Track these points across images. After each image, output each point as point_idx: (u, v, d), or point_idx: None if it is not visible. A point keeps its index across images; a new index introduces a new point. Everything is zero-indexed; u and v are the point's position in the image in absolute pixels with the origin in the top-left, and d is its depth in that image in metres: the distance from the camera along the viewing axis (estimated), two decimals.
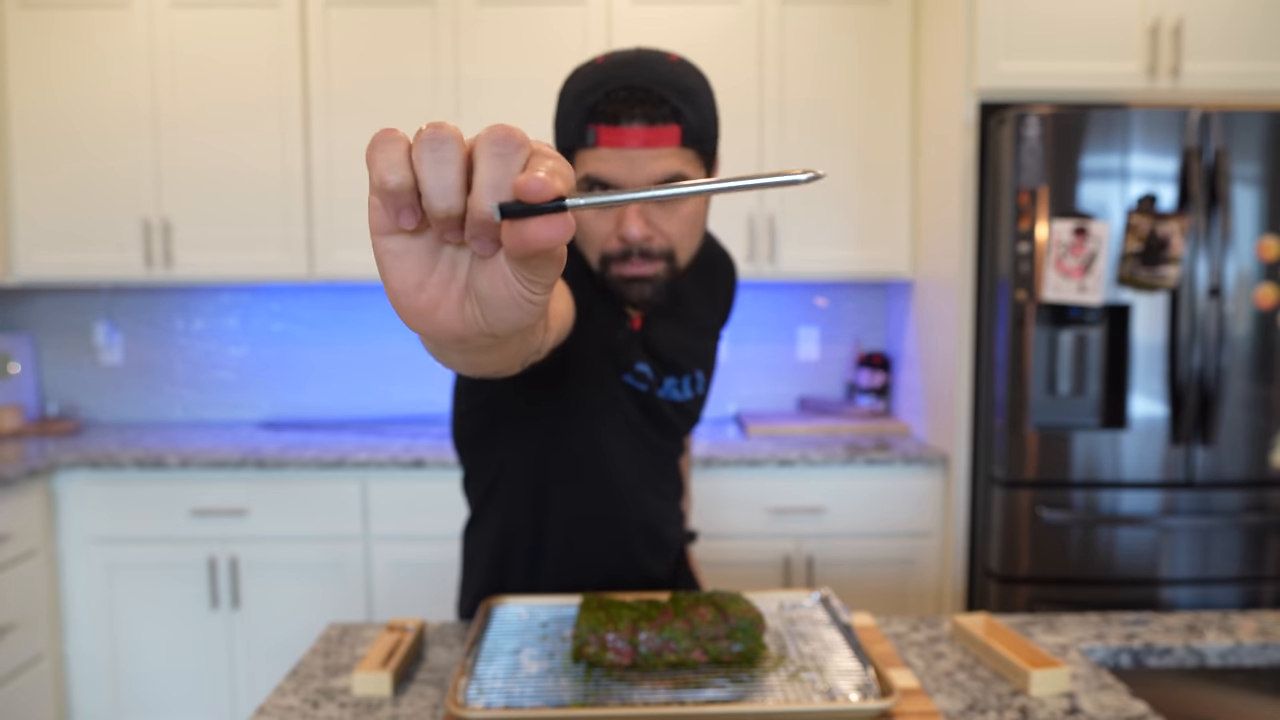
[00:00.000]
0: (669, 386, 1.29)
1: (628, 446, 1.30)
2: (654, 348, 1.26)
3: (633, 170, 1.02)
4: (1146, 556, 2.39)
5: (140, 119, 2.85)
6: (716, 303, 1.38)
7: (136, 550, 2.63)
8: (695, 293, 1.34)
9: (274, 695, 1.14)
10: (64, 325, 3.26)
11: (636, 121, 1.01)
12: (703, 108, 1.06)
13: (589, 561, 1.36)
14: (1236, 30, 2.44)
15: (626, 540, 1.37)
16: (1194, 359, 2.34)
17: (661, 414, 1.32)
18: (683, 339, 1.30)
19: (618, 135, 1.00)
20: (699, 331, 1.34)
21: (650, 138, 1.01)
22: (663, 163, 1.02)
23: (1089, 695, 1.12)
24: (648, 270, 1.08)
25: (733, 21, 2.84)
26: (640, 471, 1.34)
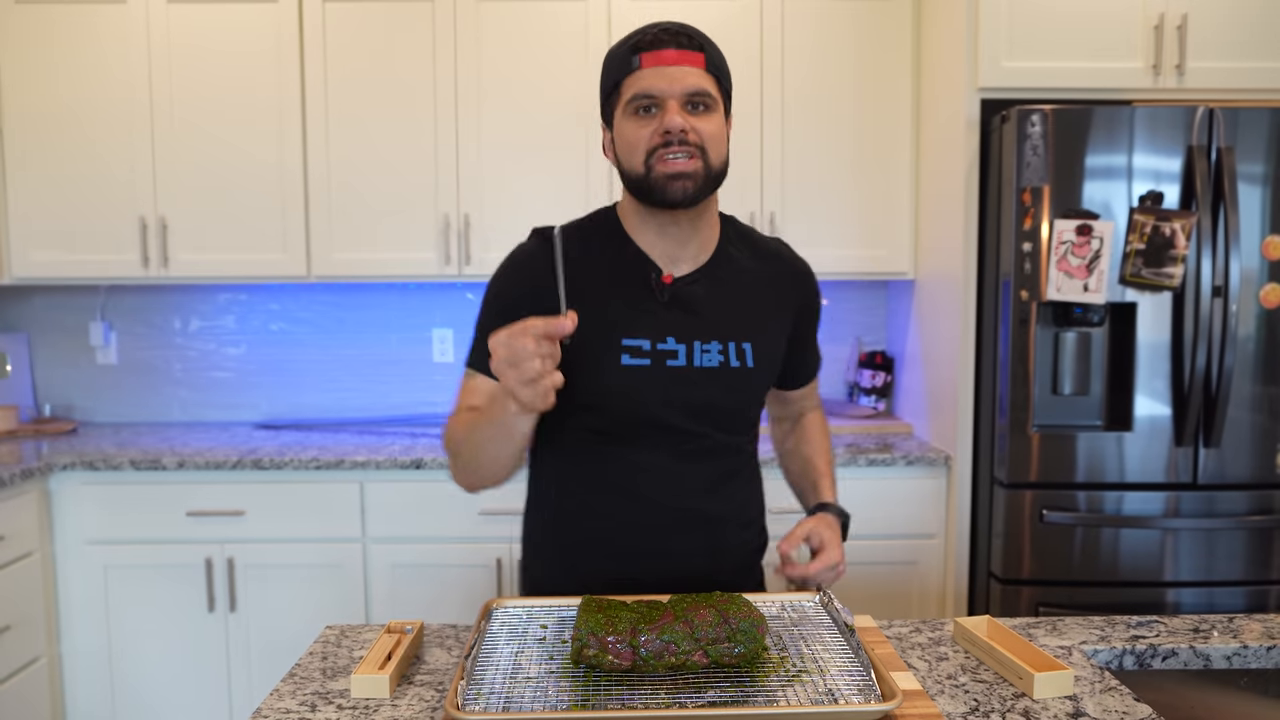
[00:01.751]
0: (697, 349, 1.33)
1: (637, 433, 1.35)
2: (684, 300, 1.34)
3: (670, 81, 1.25)
4: (1150, 558, 2.38)
5: (137, 116, 2.83)
6: (777, 290, 1.44)
7: (133, 551, 2.62)
8: (752, 269, 1.41)
9: (271, 698, 1.13)
10: (60, 325, 3.25)
11: (670, 47, 1.26)
12: (719, 52, 1.32)
13: (602, 549, 1.40)
14: (1241, 27, 2.43)
15: (643, 524, 1.37)
16: (1198, 359, 2.33)
17: (687, 386, 1.32)
18: (719, 306, 1.36)
19: (657, 56, 1.26)
20: (749, 305, 1.39)
21: (681, 58, 1.26)
22: (692, 78, 1.26)
23: (1092, 698, 1.11)
24: (688, 166, 1.25)
25: (733, 17, 2.83)
26: (657, 458, 1.35)
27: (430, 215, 2.86)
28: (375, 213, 2.87)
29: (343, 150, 2.85)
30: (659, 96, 1.25)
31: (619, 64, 1.29)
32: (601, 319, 1.31)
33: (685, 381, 1.33)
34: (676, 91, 1.25)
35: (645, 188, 1.28)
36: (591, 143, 2.82)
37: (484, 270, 2.87)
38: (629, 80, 1.27)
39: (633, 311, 1.33)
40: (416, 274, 2.89)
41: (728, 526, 1.43)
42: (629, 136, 1.28)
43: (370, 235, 2.87)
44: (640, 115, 1.27)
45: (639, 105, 1.26)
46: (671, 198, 1.27)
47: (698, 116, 1.27)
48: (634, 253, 1.36)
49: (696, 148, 1.26)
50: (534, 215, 2.86)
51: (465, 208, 2.85)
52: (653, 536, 1.38)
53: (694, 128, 1.26)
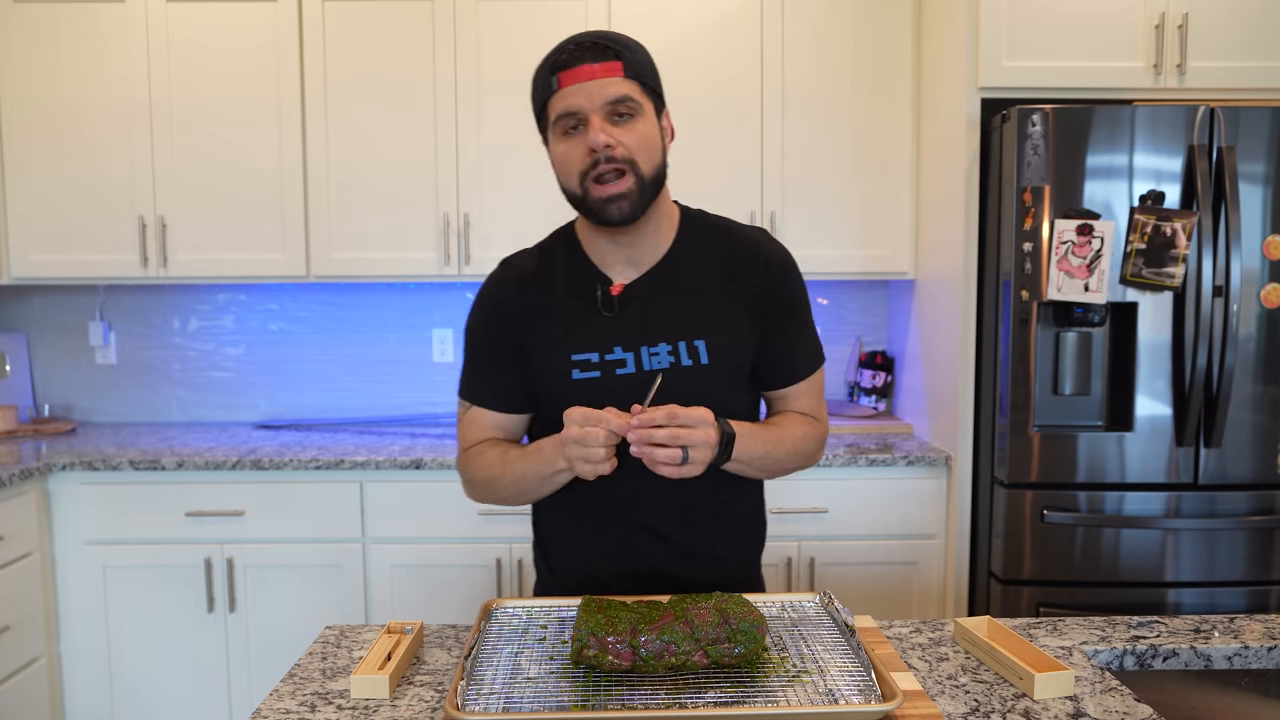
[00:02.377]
0: (644, 354, 1.35)
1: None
2: (632, 307, 1.36)
3: (589, 97, 1.26)
4: (1151, 558, 2.38)
5: (136, 116, 2.83)
6: (740, 280, 1.40)
7: (132, 552, 2.61)
8: (708, 264, 1.40)
9: (271, 698, 1.13)
10: (59, 325, 3.24)
11: (585, 62, 1.26)
12: (638, 52, 1.31)
13: (588, 557, 1.43)
14: (1242, 27, 2.42)
15: (619, 535, 1.40)
16: (1199, 359, 2.32)
17: (633, 391, 1.30)
18: (668, 307, 1.36)
19: (573, 74, 1.26)
20: (703, 301, 1.37)
21: (598, 70, 1.26)
22: (611, 88, 1.26)
23: (1093, 698, 1.11)
24: (620, 186, 1.27)
25: (733, 15, 2.82)
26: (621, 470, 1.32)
27: (430, 215, 2.86)
28: (375, 212, 2.87)
29: (342, 150, 2.85)
30: (579, 113, 1.26)
31: (541, 87, 1.31)
32: (553, 338, 1.37)
33: (636, 387, 1.32)
34: (597, 105, 1.26)
35: (585, 209, 1.32)
36: None
37: (484, 270, 2.86)
38: (552, 101, 1.29)
39: (580, 326, 1.36)
40: (416, 274, 2.89)
41: (704, 530, 1.42)
42: (560, 157, 1.31)
43: (370, 235, 2.87)
44: (568, 135, 1.29)
45: (565, 126, 1.28)
46: (610, 220, 1.29)
47: (622, 126, 1.27)
48: (586, 267, 1.40)
49: (625, 162, 1.27)
50: (534, 215, 2.85)
51: (465, 207, 2.85)
52: (622, 544, 1.40)
53: (619, 141, 1.27)
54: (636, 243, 1.37)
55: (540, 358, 1.37)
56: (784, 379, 1.47)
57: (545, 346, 1.37)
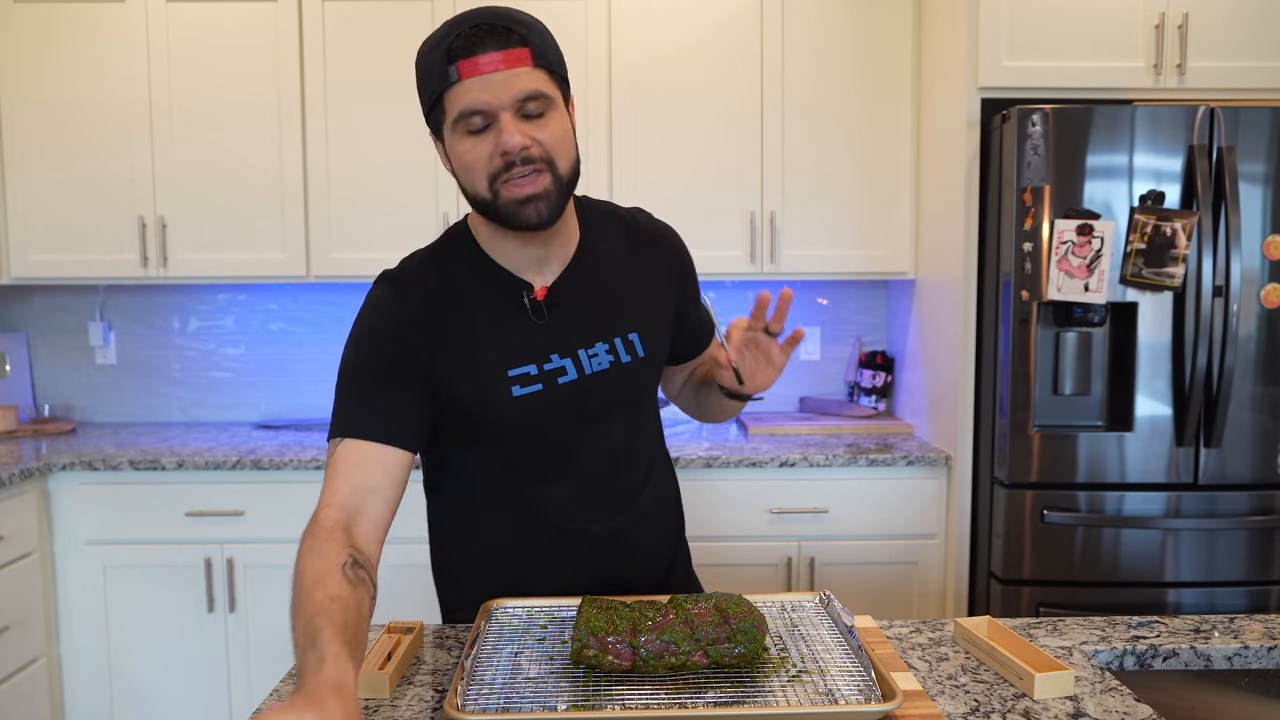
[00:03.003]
0: (584, 358, 1.28)
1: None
2: (559, 310, 1.27)
3: (496, 91, 1.12)
4: (1151, 558, 2.38)
5: (136, 116, 2.83)
6: (649, 265, 1.37)
7: (132, 552, 2.61)
8: (618, 252, 1.35)
9: (271, 698, 1.13)
10: (59, 325, 3.24)
11: (489, 49, 1.11)
12: (545, 35, 1.18)
13: (505, 568, 1.37)
14: (1242, 27, 2.42)
15: (557, 545, 1.35)
16: (1199, 359, 2.32)
17: (584, 397, 1.28)
18: (595, 306, 1.30)
19: (475, 65, 1.11)
20: (626, 295, 1.33)
21: (505, 60, 1.12)
22: (520, 80, 1.12)
23: (1093, 698, 1.11)
24: (537, 186, 1.15)
25: (733, 15, 2.82)
26: (566, 483, 1.32)
27: (430, 215, 2.86)
28: (374, 212, 2.87)
29: (342, 150, 2.85)
30: (486, 110, 1.12)
31: (436, 74, 1.15)
32: (479, 352, 1.24)
33: (581, 394, 1.28)
34: (506, 101, 1.12)
35: (495, 213, 1.18)
36: (591, 140, 2.81)
37: None
38: (451, 94, 1.13)
39: (512, 340, 1.25)
40: None
41: (640, 529, 1.40)
42: (465, 159, 1.15)
43: (369, 235, 2.87)
44: (473, 134, 1.14)
45: (470, 124, 1.13)
46: (526, 223, 1.17)
47: (535, 123, 1.15)
48: (498, 274, 1.26)
49: (542, 160, 1.15)
50: None
51: (465, 206, 2.85)
52: (565, 552, 1.35)
53: (534, 139, 1.14)
54: (548, 241, 1.25)
55: (468, 383, 1.23)
56: (701, 346, 1.49)
57: (472, 369, 1.23)
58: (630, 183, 2.83)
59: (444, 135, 1.19)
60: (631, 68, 2.81)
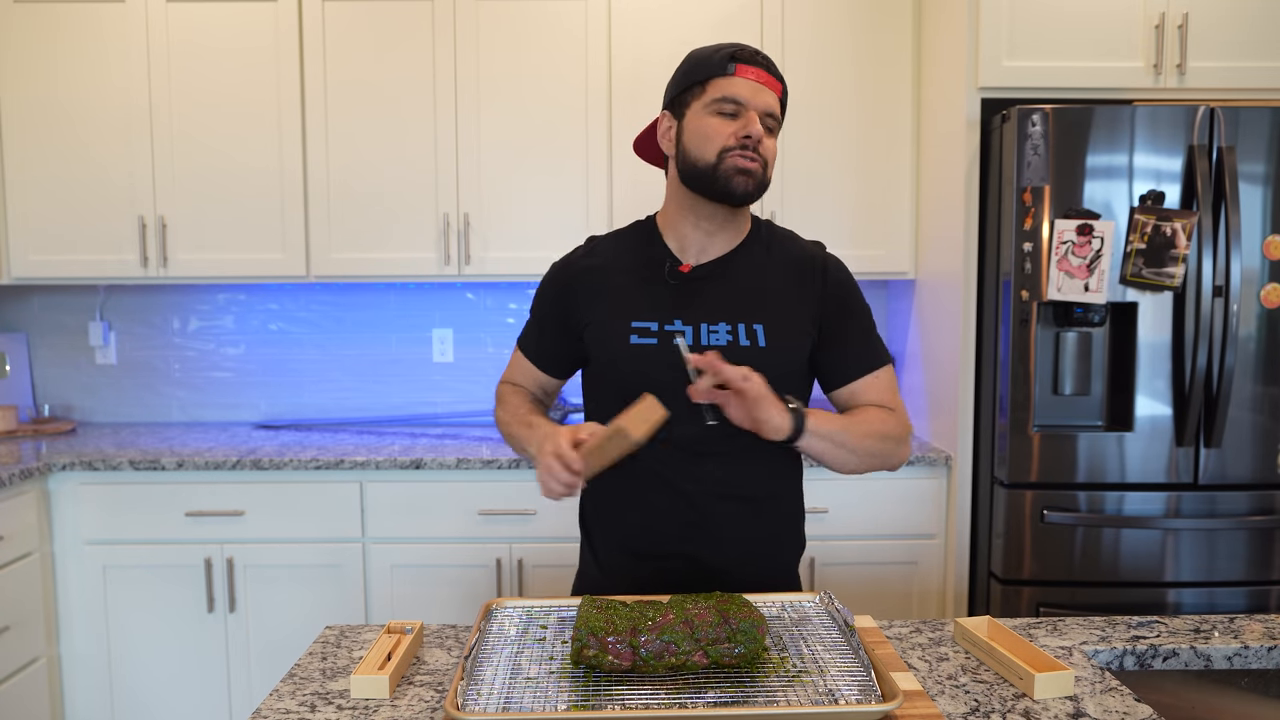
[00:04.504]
0: (704, 330, 1.42)
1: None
2: (696, 286, 1.45)
3: (755, 94, 1.39)
4: (1151, 558, 2.38)
5: (136, 116, 2.83)
6: (801, 284, 1.48)
7: (132, 552, 2.61)
8: (772, 261, 1.49)
9: (270, 698, 1.13)
10: (59, 325, 3.24)
11: (761, 67, 1.41)
12: (787, 90, 1.47)
13: (619, 531, 1.49)
14: (1242, 27, 2.42)
15: (655, 507, 1.43)
16: (1199, 359, 2.32)
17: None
18: (731, 291, 1.45)
19: (750, 70, 1.40)
20: (763, 290, 1.46)
21: (768, 80, 1.41)
22: (770, 98, 1.41)
23: (1093, 698, 1.11)
24: (755, 165, 1.39)
25: (732, 16, 2.82)
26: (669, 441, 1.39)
27: (430, 215, 2.86)
28: (374, 212, 2.86)
29: (342, 150, 2.85)
30: (744, 104, 1.38)
31: (713, 65, 1.40)
32: (617, 305, 1.45)
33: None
34: (759, 105, 1.38)
35: (709, 177, 1.39)
36: (591, 141, 2.81)
37: (483, 270, 2.86)
38: (719, 81, 1.39)
39: (644, 297, 1.45)
40: (416, 274, 2.89)
41: (745, 516, 1.44)
42: (707, 130, 1.39)
43: (369, 235, 2.87)
44: (722, 115, 1.38)
45: (723, 107, 1.38)
46: (735, 189, 1.38)
47: (765, 135, 1.40)
48: (658, 247, 1.49)
49: (761, 158, 1.39)
50: (534, 214, 2.86)
51: (465, 207, 2.85)
52: (663, 520, 1.43)
53: (763, 142, 1.39)
54: (718, 229, 1.46)
55: (601, 323, 1.46)
56: (845, 375, 1.51)
57: (607, 313, 1.46)
58: (631, 182, 2.83)
59: (686, 113, 1.42)
60: (632, 68, 2.81)
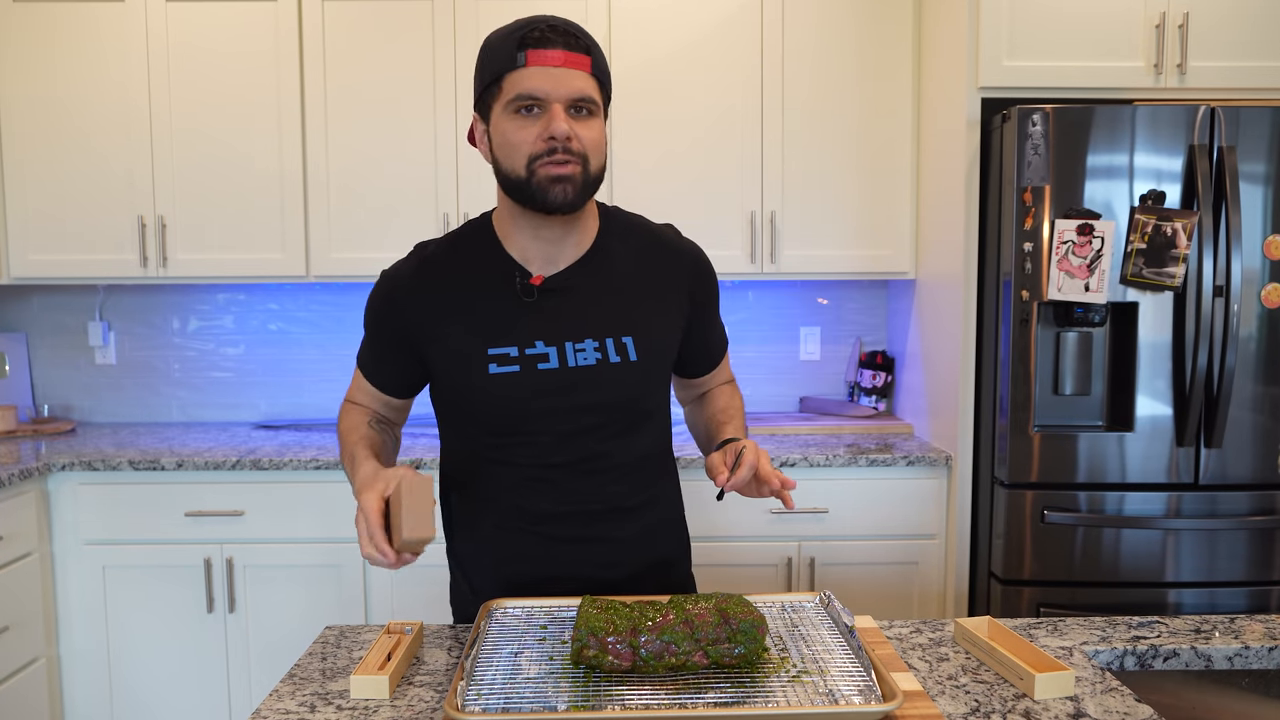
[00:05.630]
0: (570, 350, 1.32)
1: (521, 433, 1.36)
2: (554, 301, 1.33)
3: (556, 84, 1.22)
4: (1152, 559, 2.37)
5: (136, 115, 2.83)
6: (663, 277, 1.41)
7: (132, 552, 2.61)
8: (632, 259, 1.39)
9: (270, 699, 1.13)
10: (59, 325, 3.24)
11: (558, 46, 1.23)
12: (603, 56, 1.29)
13: (489, 559, 1.42)
14: (1243, 27, 2.42)
15: (531, 535, 1.38)
16: (1200, 359, 2.32)
17: (563, 388, 1.31)
18: (592, 303, 1.34)
19: (543, 56, 1.22)
20: (628, 296, 1.36)
21: (569, 60, 1.23)
22: (578, 81, 1.23)
23: (1094, 699, 1.11)
24: (569, 169, 1.24)
25: (733, 17, 2.82)
26: (542, 467, 1.35)
27: (430, 214, 2.86)
28: (374, 212, 2.86)
29: (342, 149, 2.85)
30: (543, 99, 1.22)
31: (502, 57, 1.24)
32: (466, 327, 1.32)
33: (560, 384, 1.31)
34: (562, 95, 1.22)
35: (525, 191, 1.26)
36: None
37: None
38: (512, 77, 1.23)
39: (498, 318, 1.32)
40: None
41: (633, 528, 1.41)
42: (510, 137, 1.24)
43: (369, 234, 2.87)
44: (522, 115, 1.23)
45: (521, 105, 1.23)
46: (553, 201, 1.25)
47: (580, 122, 1.24)
48: (502, 258, 1.34)
49: (579, 155, 1.24)
50: None
51: (465, 207, 2.85)
52: (539, 547, 1.38)
53: (577, 135, 1.23)
54: (560, 239, 1.33)
55: (451, 350, 1.33)
56: (706, 365, 1.54)
57: (456, 338, 1.32)
58: (631, 182, 2.82)
59: (491, 116, 1.28)
60: (632, 68, 2.81)
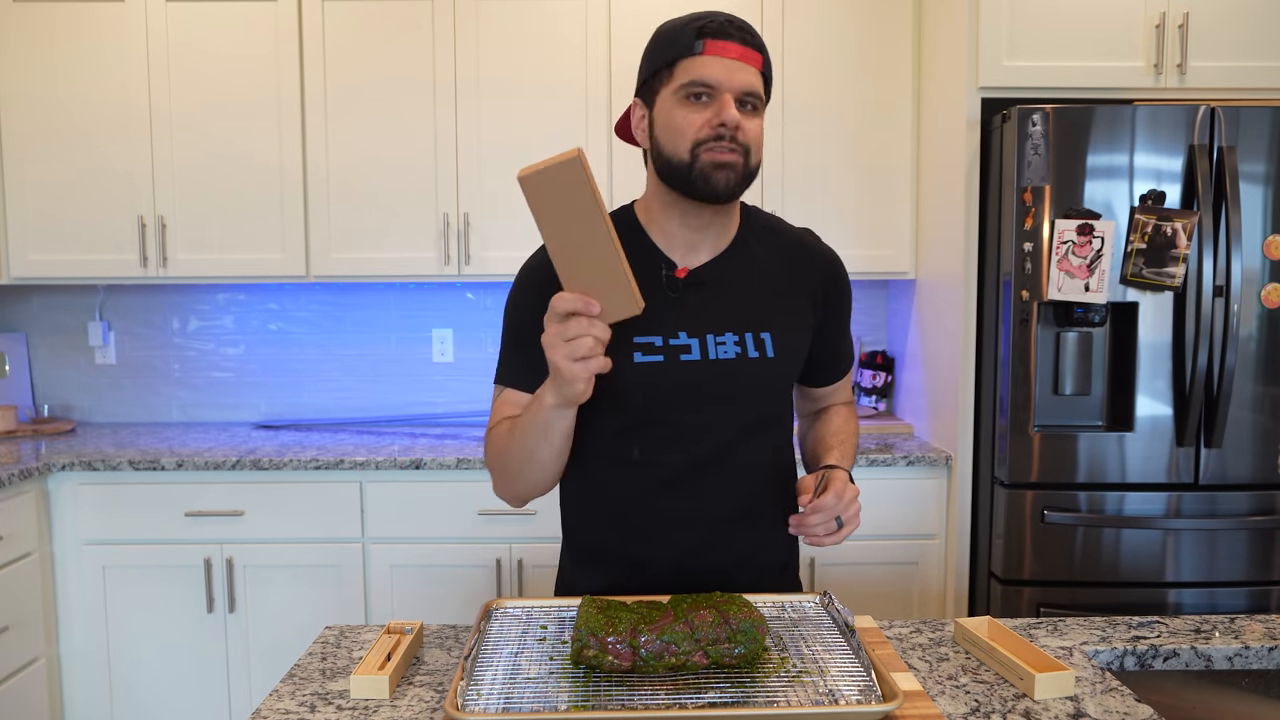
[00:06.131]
0: (710, 342, 1.31)
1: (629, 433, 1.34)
2: (697, 293, 1.33)
3: (730, 74, 1.23)
4: (1152, 559, 2.37)
5: (136, 115, 2.83)
6: (798, 278, 1.40)
7: (132, 552, 2.61)
8: (771, 258, 1.39)
9: (270, 698, 1.13)
10: (59, 325, 3.24)
11: (735, 40, 1.24)
12: (770, 60, 1.31)
13: (620, 553, 1.38)
14: (1243, 27, 2.42)
15: (663, 527, 1.36)
16: (1200, 359, 2.32)
17: (704, 379, 1.30)
18: (733, 297, 1.34)
19: (722, 46, 1.23)
20: (767, 293, 1.36)
21: (744, 54, 1.24)
22: (748, 75, 1.24)
23: (1094, 699, 1.11)
24: (733, 157, 1.24)
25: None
26: (677, 458, 1.33)
27: (430, 214, 2.86)
28: (374, 212, 2.86)
29: (342, 149, 2.85)
30: (716, 87, 1.22)
31: (679, 44, 1.25)
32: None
33: (703, 376, 1.31)
34: (734, 85, 1.23)
35: (685, 176, 1.25)
36: (591, 140, 2.81)
37: (484, 270, 2.86)
38: (687, 63, 1.24)
39: (645, 310, 1.31)
40: (416, 274, 2.88)
41: (751, 531, 1.39)
42: (678, 122, 1.24)
43: (369, 235, 2.87)
44: (693, 102, 1.23)
45: (693, 91, 1.23)
46: (715, 187, 1.24)
47: (746, 116, 1.25)
48: (648, 247, 1.34)
49: (743, 145, 1.24)
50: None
51: (465, 207, 2.85)
52: (670, 539, 1.36)
53: (743, 126, 1.24)
54: (706, 227, 1.33)
55: None
56: (832, 375, 1.51)
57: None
58: (631, 182, 2.82)
59: (656, 100, 1.28)
60: (632, 66, 2.81)
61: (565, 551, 1.49)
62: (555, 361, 1.10)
